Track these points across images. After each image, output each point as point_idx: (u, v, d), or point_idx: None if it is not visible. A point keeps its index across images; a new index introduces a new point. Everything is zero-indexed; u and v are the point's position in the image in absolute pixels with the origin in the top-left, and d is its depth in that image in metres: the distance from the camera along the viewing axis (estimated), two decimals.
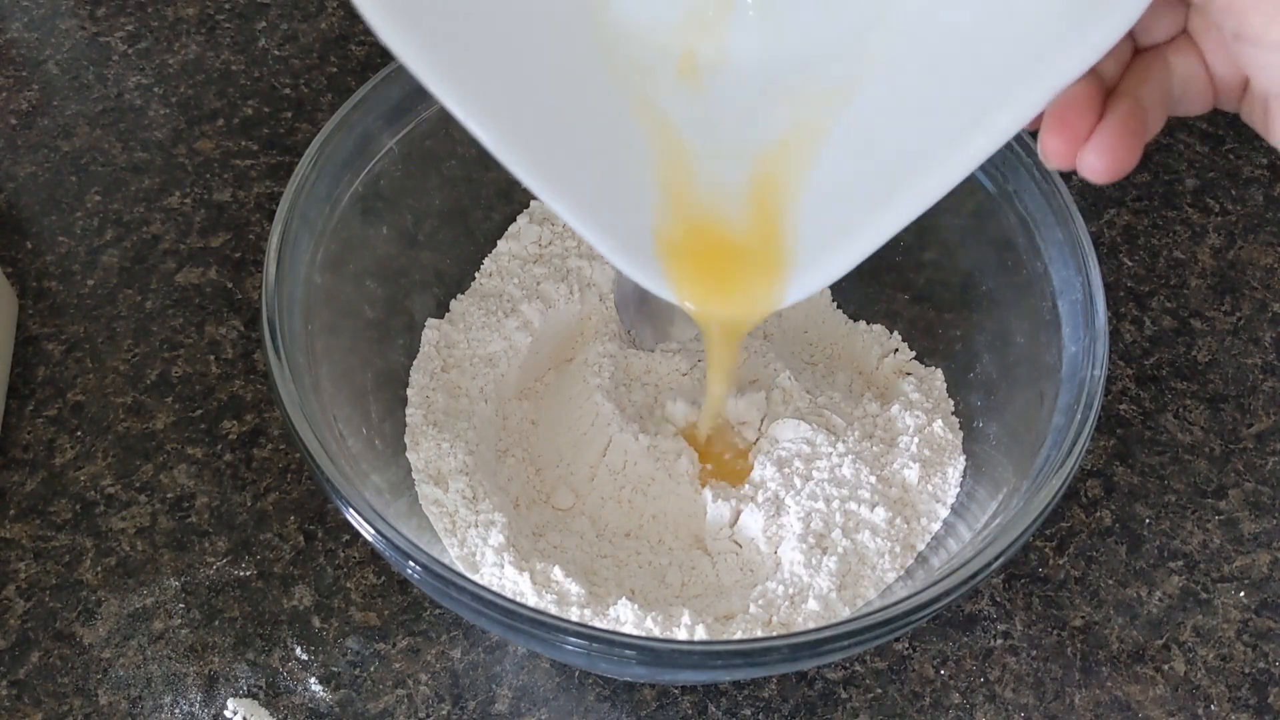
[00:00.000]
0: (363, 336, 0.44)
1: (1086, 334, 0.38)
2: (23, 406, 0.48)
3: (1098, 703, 0.43)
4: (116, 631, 0.43)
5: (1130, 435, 0.49)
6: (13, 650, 0.42)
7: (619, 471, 0.44)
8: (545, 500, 0.44)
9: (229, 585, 0.44)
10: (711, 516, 0.43)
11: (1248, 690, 0.43)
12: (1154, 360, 0.52)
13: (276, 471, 0.47)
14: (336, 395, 0.40)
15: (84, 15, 0.63)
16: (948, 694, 0.43)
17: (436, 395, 0.45)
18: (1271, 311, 0.54)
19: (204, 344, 0.51)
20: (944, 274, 0.47)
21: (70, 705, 0.41)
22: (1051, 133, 0.31)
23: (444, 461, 0.42)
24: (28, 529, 0.45)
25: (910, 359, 0.48)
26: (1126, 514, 0.47)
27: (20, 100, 0.59)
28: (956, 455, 0.44)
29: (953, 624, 0.44)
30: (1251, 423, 0.50)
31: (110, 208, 0.55)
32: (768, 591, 0.40)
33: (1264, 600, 0.45)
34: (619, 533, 0.43)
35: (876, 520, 0.41)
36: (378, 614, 0.44)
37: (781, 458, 0.44)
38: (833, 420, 0.45)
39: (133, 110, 0.59)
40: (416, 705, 0.42)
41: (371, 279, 0.44)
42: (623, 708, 0.42)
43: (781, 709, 0.42)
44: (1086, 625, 0.44)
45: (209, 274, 0.53)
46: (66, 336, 0.51)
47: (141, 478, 0.47)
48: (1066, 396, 0.38)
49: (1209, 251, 0.56)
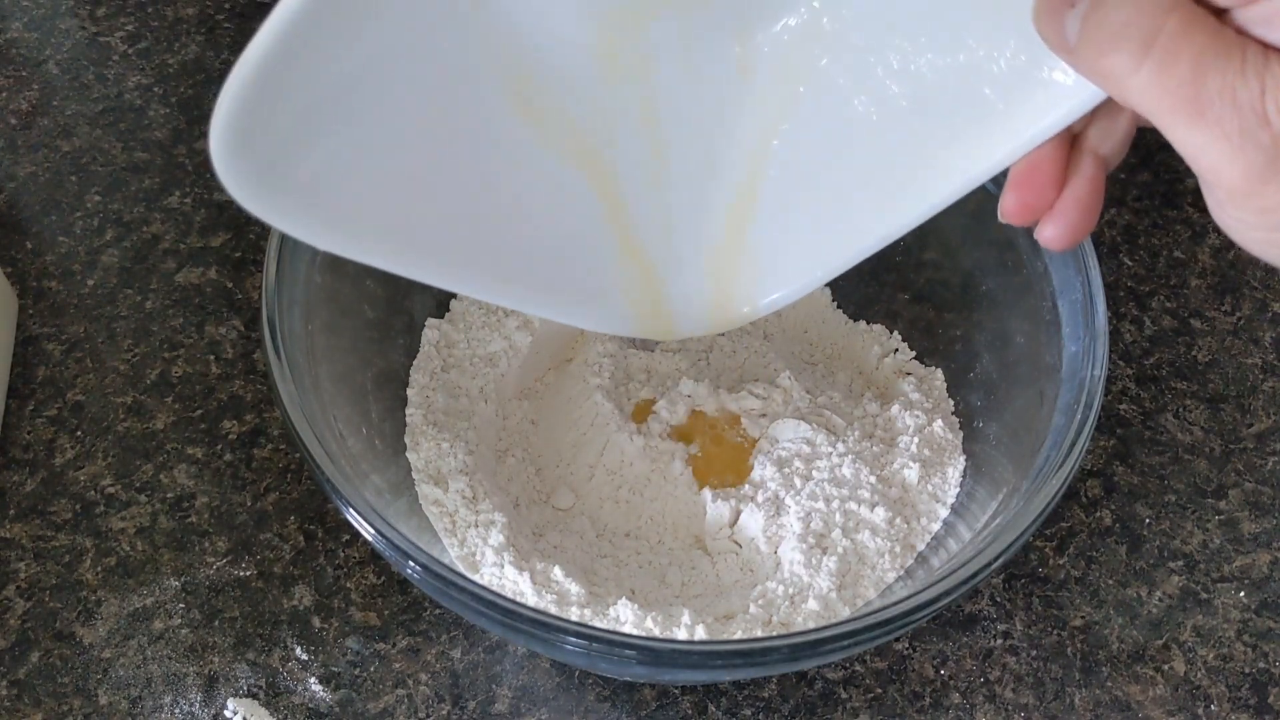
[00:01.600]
0: (363, 336, 0.44)
1: (1086, 334, 0.38)
2: (23, 406, 0.48)
3: (1098, 703, 0.43)
4: (116, 631, 0.43)
5: (1130, 435, 0.49)
6: (13, 650, 0.42)
7: (616, 472, 0.44)
8: (545, 500, 0.44)
9: (229, 585, 0.44)
10: (711, 516, 0.43)
11: (1248, 690, 0.43)
12: (1154, 360, 0.52)
13: (276, 471, 0.47)
14: (336, 395, 0.40)
15: (84, 15, 0.63)
16: (948, 694, 0.43)
17: (436, 395, 0.45)
18: (1271, 311, 0.54)
19: (204, 344, 0.51)
20: (944, 274, 0.47)
21: (70, 705, 0.41)
22: (1011, 196, 0.31)
23: (444, 461, 0.42)
24: (28, 529, 0.45)
25: (910, 359, 0.48)
26: (1126, 514, 0.47)
27: (20, 100, 0.59)
28: (956, 455, 0.44)
29: (953, 624, 0.44)
30: (1251, 423, 0.50)
31: (110, 208, 0.55)
32: (768, 591, 0.40)
33: (1264, 600, 0.45)
34: (619, 533, 0.43)
35: (876, 520, 0.41)
36: (378, 614, 0.44)
37: (781, 458, 0.44)
38: (833, 420, 0.45)
39: (133, 110, 0.59)
40: (416, 705, 0.42)
41: (371, 279, 0.44)
42: (623, 708, 0.42)
43: (781, 709, 0.42)
44: (1086, 625, 0.44)
45: (209, 274, 0.53)
46: (66, 336, 0.51)
47: (141, 478, 0.47)
48: (1066, 396, 0.38)
49: (1209, 251, 0.56)
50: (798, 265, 0.39)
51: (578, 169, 0.36)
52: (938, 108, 0.33)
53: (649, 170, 0.37)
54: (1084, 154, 0.31)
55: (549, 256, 0.37)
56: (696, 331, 0.41)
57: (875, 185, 0.35)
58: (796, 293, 0.39)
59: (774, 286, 0.39)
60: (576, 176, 0.36)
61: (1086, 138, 0.31)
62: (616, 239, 0.38)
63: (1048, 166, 0.30)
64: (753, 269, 0.39)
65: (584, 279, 0.38)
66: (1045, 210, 0.31)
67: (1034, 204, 0.31)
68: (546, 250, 0.37)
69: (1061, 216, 0.30)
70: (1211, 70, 0.23)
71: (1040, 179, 0.30)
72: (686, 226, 0.39)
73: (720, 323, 0.41)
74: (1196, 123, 0.24)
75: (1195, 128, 0.24)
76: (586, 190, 0.37)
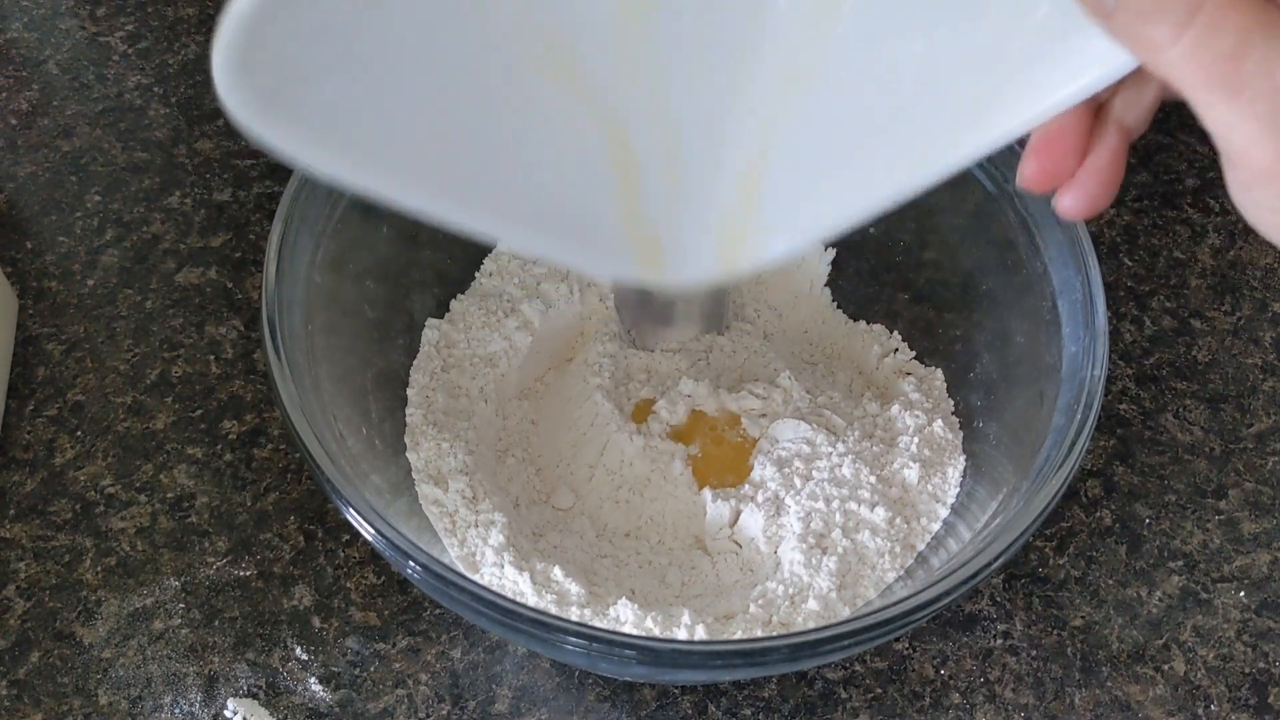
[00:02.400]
0: (363, 336, 0.44)
1: (1086, 334, 0.38)
2: (23, 406, 0.48)
3: (1098, 703, 0.43)
4: (116, 631, 0.43)
5: (1130, 435, 0.49)
6: (13, 650, 0.42)
7: (616, 472, 0.44)
8: (545, 500, 0.44)
9: (229, 585, 0.44)
10: (711, 516, 0.43)
11: (1248, 690, 0.43)
12: (1154, 360, 0.52)
13: (276, 471, 0.47)
14: (336, 395, 0.40)
15: (84, 15, 0.63)
16: (948, 694, 0.43)
17: (436, 395, 0.45)
18: (1271, 311, 0.54)
19: (204, 344, 0.51)
20: (944, 274, 0.47)
21: (70, 705, 0.41)
22: (1031, 163, 0.31)
23: (444, 461, 0.42)
24: (28, 529, 0.45)
25: (910, 359, 0.48)
26: (1126, 514, 0.47)
27: (20, 100, 0.59)
28: (956, 455, 0.44)
29: (953, 624, 0.44)
30: (1251, 423, 0.50)
31: (110, 208, 0.55)
32: (768, 591, 0.40)
33: (1264, 600, 0.45)
34: (619, 533, 0.43)
35: (876, 520, 0.41)
36: (378, 614, 0.44)
37: (781, 458, 0.44)
38: (833, 420, 0.45)
39: (133, 110, 0.59)
40: (416, 705, 0.42)
41: (371, 279, 0.44)
42: (623, 708, 0.42)
43: (781, 709, 0.42)
44: (1086, 625, 0.44)
45: (209, 274, 0.53)
46: (66, 336, 0.51)
47: (141, 478, 0.47)
48: (1066, 396, 0.38)
49: (1209, 251, 0.56)
50: (807, 215, 0.38)
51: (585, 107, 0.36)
52: (962, 68, 0.32)
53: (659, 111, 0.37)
54: (1108, 124, 0.30)
55: (550, 192, 0.36)
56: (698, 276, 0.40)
57: (892, 140, 0.35)
58: (803, 243, 0.38)
59: (782, 234, 0.38)
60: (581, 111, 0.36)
61: (1112, 107, 0.30)
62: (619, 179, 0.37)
63: (1070, 135, 0.30)
64: (761, 213, 0.38)
65: (585, 217, 0.37)
66: (1065, 178, 0.30)
67: (1054, 171, 0.30)
68: (548, 186, 0.36)
69: (1080, 186, 0.30)
70: (1253, 47, 0.23)
71: (1062, 147, 0.30)
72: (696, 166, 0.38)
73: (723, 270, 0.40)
74: (1231, 100, 0.23)
75: (1229, 105, 0.23)
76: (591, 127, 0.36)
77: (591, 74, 0.36)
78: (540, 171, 0.36)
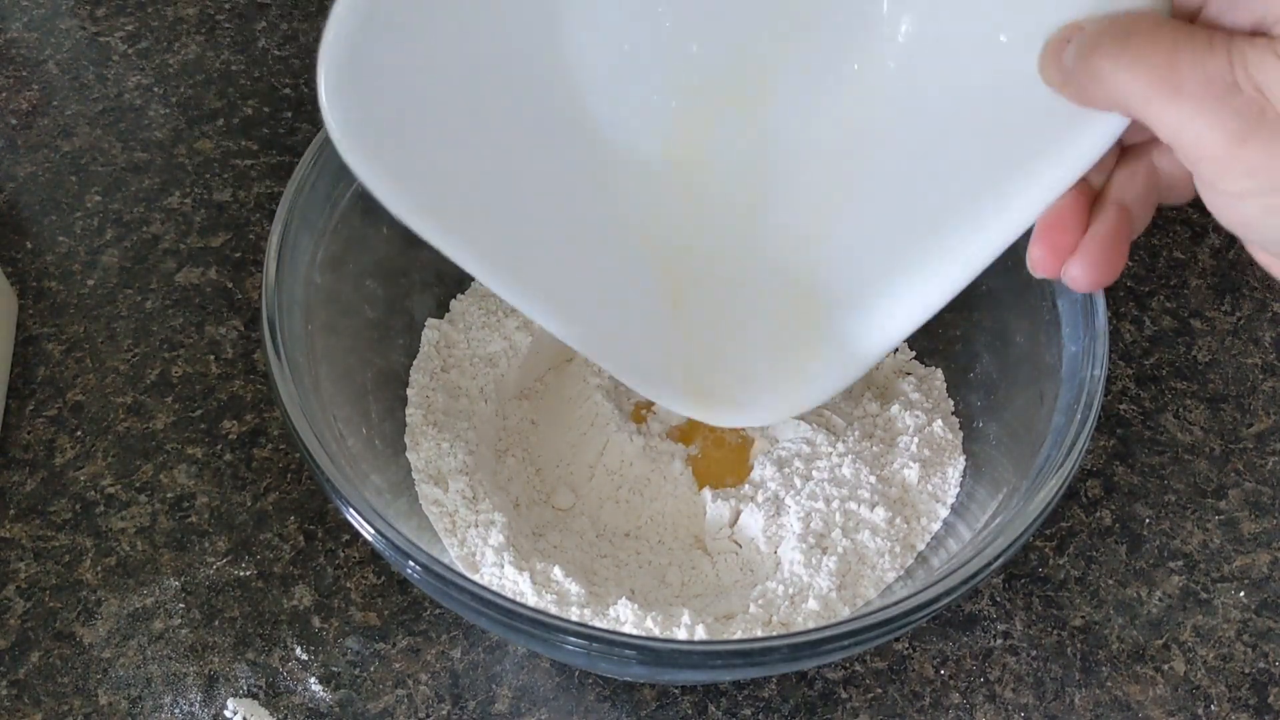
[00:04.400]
0: (363, 336, 0.44)
1: (1086, 334, 0.38)
2: (23, 406, 0.48)
3: (1098, 703, 0.43)
4: (116, 631, 0.43)
5: (1130, 435, 0.49)
6: (13, 650, 0.42)
7: (616, 472, 0.44)
8: (545, 500, 0.44)
9: (229, 585, 0.44)
10: (711, 516, 0.43)
11: (1248, 690, 0.43)
12: (1154, 360, 0.52)
13: (276, 471, 0.47)
14: (336, 395, 0.40)
15: (84, 15, 0.63)
16: (948, 694, 0.43)
17: (436, 395, 0.45)
18: (1271, 311, 0.54)
19: (204, 344, 0.51)
20: None
21: (70, 705, 0.41)
22: (1038, 245, 0.33)
23: (444, 461, 0.42)
24: (28, 529, 0.45)
25: (910, 359, 0.48)
26: (1126, 514, 0.47)
27: (20, 100, 0.59)
28: (956, 455, 0.44)
29: (953, 624, 0.44)
30: (1251, 423, 0.50)
31: (110, 208, 0.55)
32: (767, 591, 0.40)
33: (1264, 600, 0.45)
34: (619, 533, 0.43)
35: (876, 520, 0.41)
36: (378, 614, 0.44)
37: (781, 458, 0.44)
38: (832, 420, 0.45)
39: (133, 110, 0.59)
40: (416, 705, 0.42)
41: (371, 279, 0.44)
42: (623, 708, 0.42)
43: (781, 709, 0.42)
44: (1086, 625, 0.44)
45: (209, 274, 0.53)
46: (66, 336, 0.51)
47: (141, 478, 0.47)
48: (1066, 396, 0.38)
49: (1209, 251, 0.56)
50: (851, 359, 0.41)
51: (646, 251, 0.39)
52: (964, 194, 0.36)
53: (710, 274, 0.40)
54: (1107, 204, 0.33)
55: (607, 313, 0.40)
56: (742, 423, 0.44)
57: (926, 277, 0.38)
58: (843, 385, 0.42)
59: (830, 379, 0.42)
60: (644, 255, 0.39)
61: (1109, 189, 0.33)
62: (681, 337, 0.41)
63: (1070, 215, 0.33)
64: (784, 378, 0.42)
65: (642, 350, 0.41)
66: (1070, 253, 0.32)
67: (1060, 244, 0.32)
68: (605, 306, 0.39)
69: (1085, 253, 0.32)
70: (1183, 50, 0.26)
71: (1063, 229, 0.33)
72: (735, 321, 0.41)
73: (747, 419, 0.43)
74: (1174, 99, 0.26)
75: (1174, 103, 0.26)
76: (652, 271, 0.39)
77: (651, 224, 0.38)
78: (607, 302, 0.39)
